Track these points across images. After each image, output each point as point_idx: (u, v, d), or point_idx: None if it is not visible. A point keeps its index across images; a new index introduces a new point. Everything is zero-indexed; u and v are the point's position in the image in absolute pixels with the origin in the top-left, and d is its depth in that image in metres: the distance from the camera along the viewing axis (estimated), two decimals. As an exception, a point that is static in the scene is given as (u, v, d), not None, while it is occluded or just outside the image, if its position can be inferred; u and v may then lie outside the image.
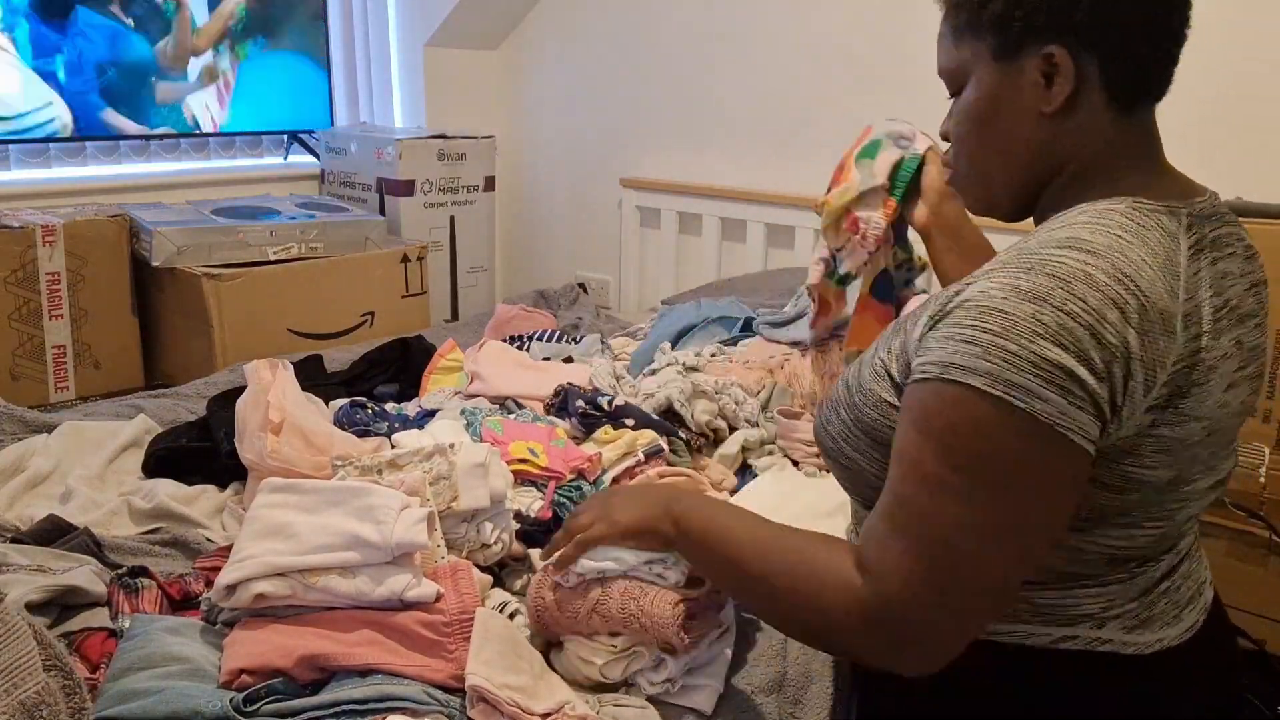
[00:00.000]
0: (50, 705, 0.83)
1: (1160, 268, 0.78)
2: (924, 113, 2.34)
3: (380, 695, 0.96)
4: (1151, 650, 0.88)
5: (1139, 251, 0.78)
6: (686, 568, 1.05)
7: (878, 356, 0.92)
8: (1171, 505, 0.86)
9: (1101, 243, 0.78)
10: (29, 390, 2.26)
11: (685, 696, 1.06)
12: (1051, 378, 0.73)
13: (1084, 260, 0.76)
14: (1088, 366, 0.73)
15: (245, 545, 1.07)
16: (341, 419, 1.59)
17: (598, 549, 1.04)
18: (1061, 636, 0.88)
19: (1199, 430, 0.82)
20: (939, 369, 0.77)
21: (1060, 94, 0.85)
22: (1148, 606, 0.89)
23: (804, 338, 1.91)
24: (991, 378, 0.74)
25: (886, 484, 0.83)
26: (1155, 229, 0.81)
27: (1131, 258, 0.77)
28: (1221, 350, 0.82)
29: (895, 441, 0.83)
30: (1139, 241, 0.79)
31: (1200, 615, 0.93)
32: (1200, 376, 0.80)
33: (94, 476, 1.50)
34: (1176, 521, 0.88)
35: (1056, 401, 0.73)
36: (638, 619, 1.02)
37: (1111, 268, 0.76)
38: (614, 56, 2.94)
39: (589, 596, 1.06)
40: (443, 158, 2.89)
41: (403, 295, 2.70)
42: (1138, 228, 0.80)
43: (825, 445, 1.00)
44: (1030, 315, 0.74)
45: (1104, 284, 0.75)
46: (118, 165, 2.75)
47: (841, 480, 1.00)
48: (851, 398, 0.94)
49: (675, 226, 2.84)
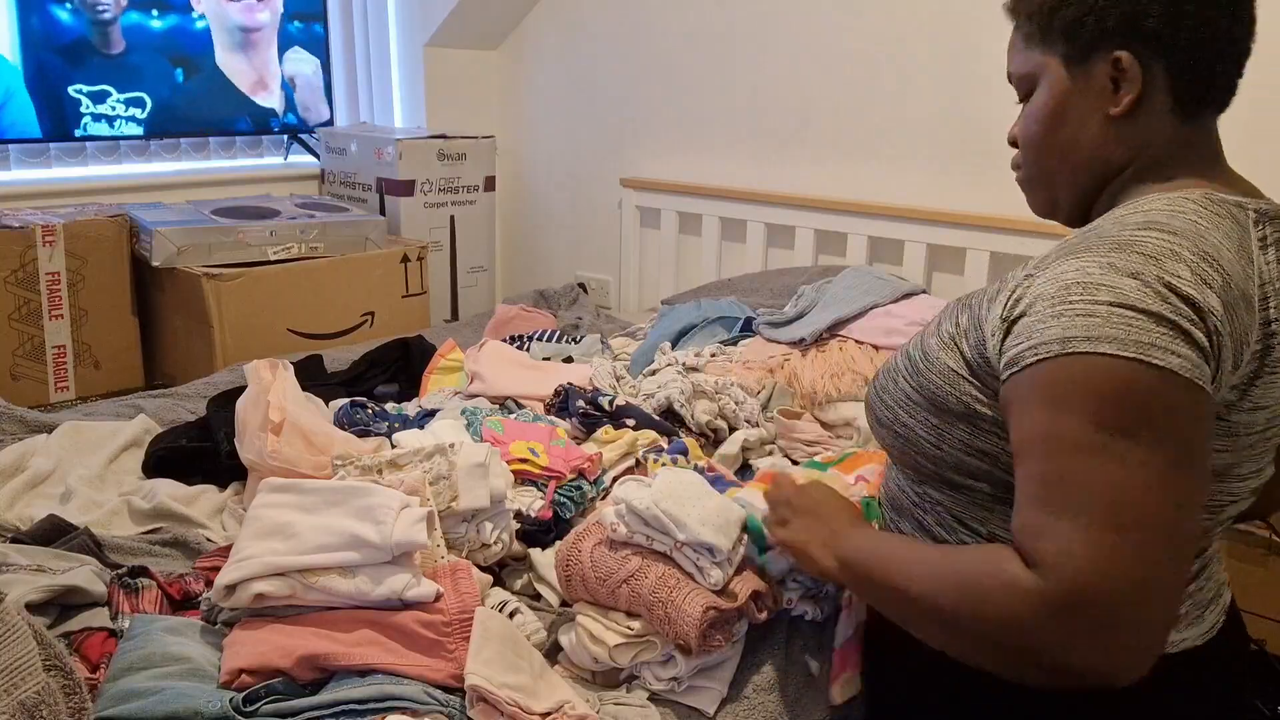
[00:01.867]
0: (50, 705, 0.83)
1: (1235, 251, 0.81)
2: (923, 111, 2.35)
3: (380, 695, 0.96)
4: (1175, 650, 0.89)
5: (1215, 235, 0.81)
6: (730, 570, 1.06)
7: (943, 329, 0.94)
8: (1223, 499, 0.87)
9: (1180, 225, 0.81)
10: (29, 390, 2.26)
11: (689, 696, 1.06)
12: (1175, 335, 0.74)
13: (1169, 239, 0.79)
14: (1200, 326, 0.75)
15: (245, 545, 1.07)
16: (341, 419, 1.59)
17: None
18: None
19: (1262, 420, 0.84)
20: (1059, 345, 0.76)
21: (1126, 97, 0.88)
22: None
23: (804, 336, 1.91)
24: (1120, 342, 0.74)
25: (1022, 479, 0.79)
26: (1228, 218, 0.84)
27: (1211, 239, 0.80)
28: None
29: (1018, 432, 0.80)
30: (1213, 226, 0.82)
31: (1220, 616, 0.94)
32: (1274, 362, 0.82)
33: (94, 476, 1.50)
34: (1219, 520, 0.89)
35: (1188, 355, 0.74)
36: (665, 607, 1.02)
37: (1195, 247, 0.79)
38: (614, 57, 2.94)
39: (628, 567, 1.06)
40: (443, 158, 2.89)
41: (403, 295, 2.70)
42: (1212, 215, 0.83)
43: (878, 413, 1.01)
44: (1136, 288, 0.75)
45: (1192, 261, 0.77)
46: (118, 165, 2.75)
47: (891, 448, 1.01)
48: (915, 367, 0.95)
49: (675, 226, 2.84)
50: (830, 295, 2.05)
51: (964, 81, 2.25)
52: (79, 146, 2.67)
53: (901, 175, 2.40)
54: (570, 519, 1.33)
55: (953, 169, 2.31)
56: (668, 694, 1.06)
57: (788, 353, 1.91)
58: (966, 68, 2.23)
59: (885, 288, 2.00)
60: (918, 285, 2.02)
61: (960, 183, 2.30)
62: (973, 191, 2.26)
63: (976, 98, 2.23)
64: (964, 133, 2.27)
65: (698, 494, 1.11)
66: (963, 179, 2.29)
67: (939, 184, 2.34)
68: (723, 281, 2.58)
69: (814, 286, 2.14)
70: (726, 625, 1.08)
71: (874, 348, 1.84)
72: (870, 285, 2.02)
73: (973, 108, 2.24)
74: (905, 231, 2.34)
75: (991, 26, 1.00)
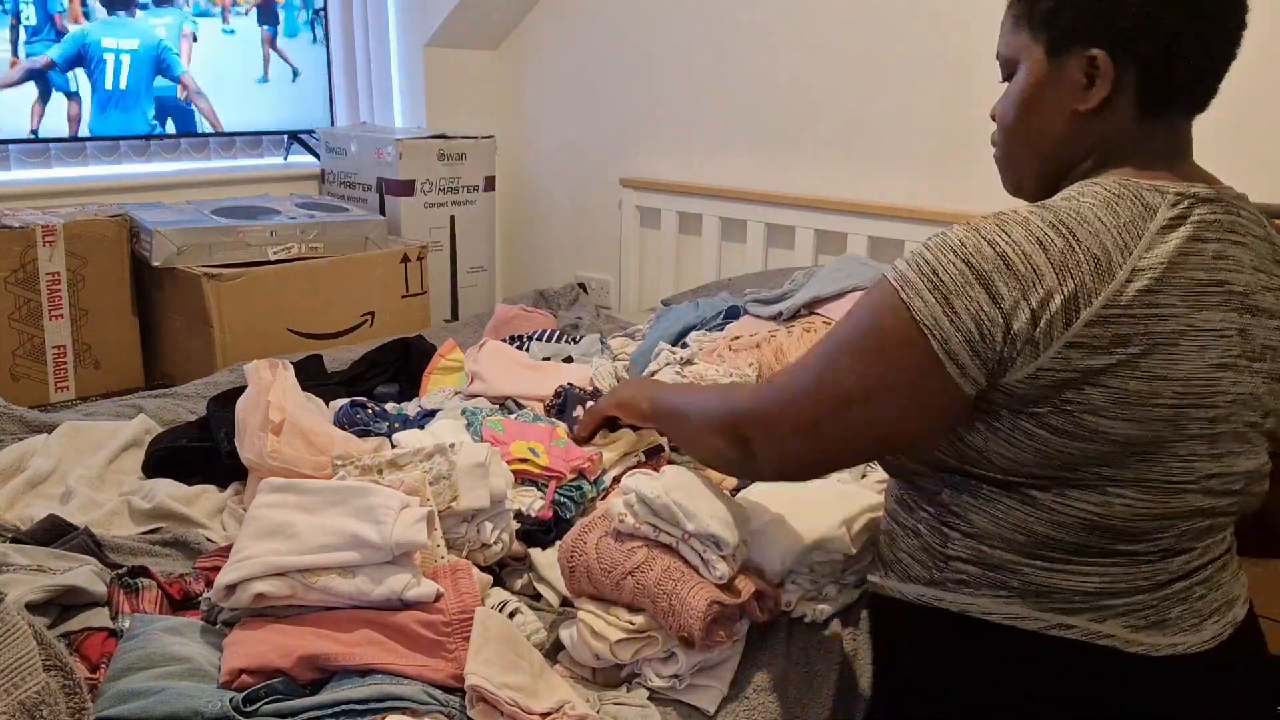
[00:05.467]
0: (50, 705, 0.83)
1: (1116, 225, 0.83)
2: (923, 111, 2.35)
3: (380, 695, 0.96)
4: (1162, 653, 0.88)
5: (1095, 210, 0.84)
6: (735, 566, 1.06)
7: None
8: (1160, 479, 0.85)
9: (1060, 205, 0.85)
10: (29, 390, 2.26)
11: (689, 695, 1.06)
12: (938, 284, 0.83)
13: (1032, 211, 0.85)
14: (984, 287, 0.82)
15: (245, 545, 1.07)
16: (342, 419, 1.59)
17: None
18: (1056, 624, 0.88)
19: (1168, 392, 0.83)
20: (887, 272, 0.88)
21: (1097, 96, 0.89)
22: (1160, 609, 0.89)
23: (781, 310, 1.94)
24: (898, 273, 0.86)
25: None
26: (1128, 198, 0.85)
27: (1082, 213, 0.83)
28: (1204, 322, 0.83)
29: None
30: (1101, 204, 0.84)
31: (1226, 629, 0.93)
32: (1165, 336, 0.82)
33: (94, 476, 1.50)
34: (1173, 506, 0.87)
35: (933, 306, 0.83)
36: (669, 599, 1.02)
37: (1053, 217, 0.83)
38: (614, 57, 2.94)
39: (634, 559, 1.06)
40: (443, 158, 2.89)
41: (403, 295, 2.70)
42: (1109, 195, 0.85)
43: None
44: (959, 239, 0.85)
45: (1035, 226, 0.83)
46: (118, 165, 2.75)
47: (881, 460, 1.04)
48: None
49: (675, 226, 2.84)
50: (815, 277, 2.08)
51: (964, 81, 2.25)
52: (79, 146, 2.67)
53: (901, 175, 2.40)
54: (570, 519, 1.33)
55: (953, 169, 2.31)
56: (669, 692, 1.06)
57: (774, 328, 1.93)
58: (967, 67, 2.23)
59: (867, 271, 2.02)
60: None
61: (960, 183, 2.30)
62: (973, 191, 2.26)
63: (977, 97, 2.22)
64: (964, 133, 2.27)
65: (704, 492, 1.11)
66: (963, 179, 2.29)
67: (939, 184, 2.34)
68: (722, 281, 2.58)
69: (805, 272, 2.16)
70: (729, 622, 1.08)
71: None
72: (853, 269, 2.05)
73: (973, 107, 2.24)
74: (905, 231, 2.34)
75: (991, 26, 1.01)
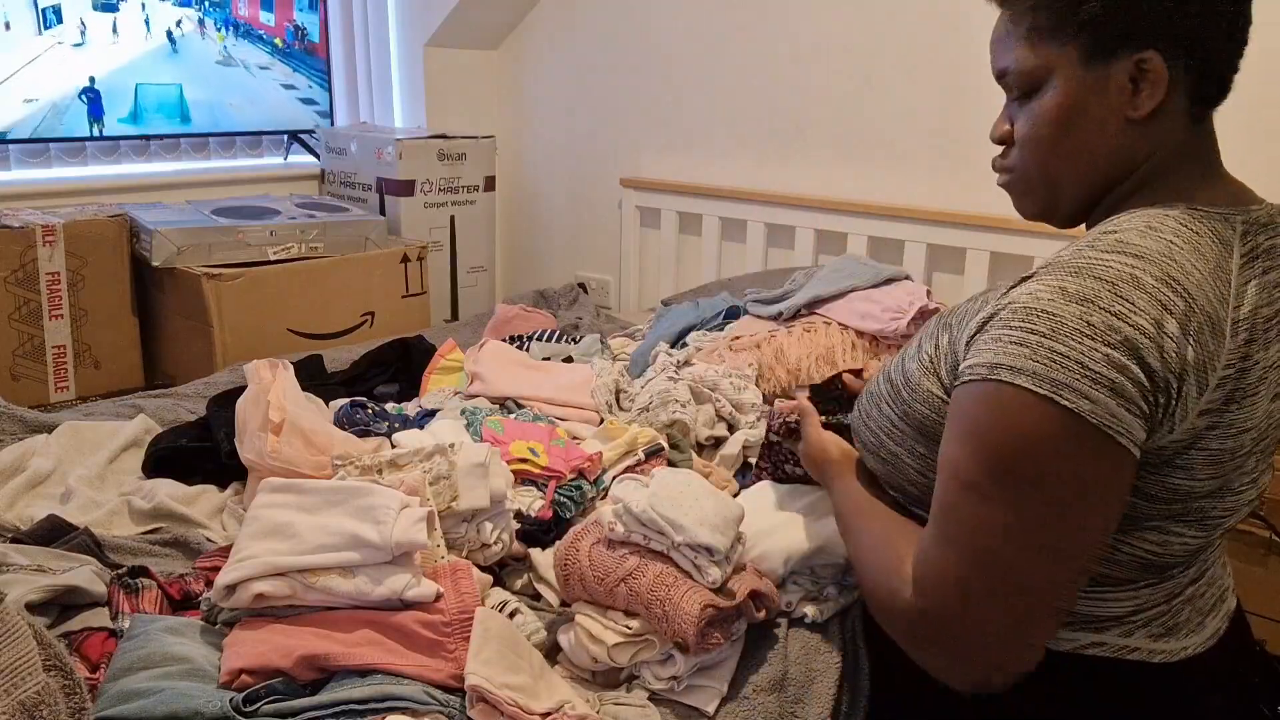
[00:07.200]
0: (50, 705, 0.83)
1: (1210, 273, 0.78)
2: (924, 111, 2.35)
3: (380, 695, 0.96)
4: (1178, 658, 0.88)
5: (1188, 256, 0.77)
6: (729, 569, 1.06)
7: (923, 351, 0.92)
8: (1217, 515, 0.85)
9: (1151, 247, 0.77)
10: (29, 390, 2.26)
11: (688, 696, 1.06)
12: (1099, 378, 0.73)
13: (1131, 264, 0.76)
14: (1138, 366, 0.73)
15: (245, 545, 1.07)
16: (341, 419, 1.59)
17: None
18: (1089, 643, 0.87)
19: (1249, 442, 0.82)
20: (986, 370, 0.77)
21: (1150, 99, 0.83)
22: (1174, 614, 0.88)
23: (781, 310, 1.93)
24: (1038, 377, 0.74)
25: (935, 490, 0.82)
26: (1208, 235, 0.80)
27: (1180, 262, 0.76)
28: (1271, 360, 0.82)
29: (941, 447, 0.82)
30: (1189, 247, 0.78)
31: (1223, 622, 0.93)
32: (1251, 386, 0.80)
33: (94, 476, 1.50)
34: (1217, 532, 0.87)
35: (1104, 402, 0.73)
36: (663, 605, 1.02)
37: (1160, 271, 0.75)
38: (614, 57, 2.94)
39: (625, 565, 1.06)
40: (443, 158, 2.89)
41: (403, 295, 2.69)
42: (1190, 233, 0.79)
43: (864, 439, 0.99)
44: (1078, 317, 0.74)
45: (1151, 287, 0.75)
46: (118, 165, 2.75)
47: (879, 474, 1.00)
48: (898, 393, 0.94)
49: (675, 226, 2.84)
50: (816, 278, 2.07)
51: (964, 81, 2.24)
52: (79, 146, 2.67)
53: (901, 175, 2.40)
54: (570, 519, 1.33)
55: (953, 169, 2.31)
56: (667, 693, 1.06)
57: (774, 328, 1.92)
58: (967, 67, 2.23)
59: (867, 272, 2.01)
60: (900, 270, 2.02)
61: (960, 183, 2.29)
62: (973, 191, 2.26)
63: (977, 97, 2.22)
64: (964, 133, 2.27)
65: (695, 494, 1.11)
66: (963, 179, 2.29)
67: (939, 184, 2.34)
68: (722, 281, 2.58)
69: (805, 272, 2.16)
70: (725, 624, 1.08)
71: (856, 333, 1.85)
72: (853, 270, 2.04)
73: (973, 107, 2.24)
74: (905, 231, 2.34)
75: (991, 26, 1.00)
